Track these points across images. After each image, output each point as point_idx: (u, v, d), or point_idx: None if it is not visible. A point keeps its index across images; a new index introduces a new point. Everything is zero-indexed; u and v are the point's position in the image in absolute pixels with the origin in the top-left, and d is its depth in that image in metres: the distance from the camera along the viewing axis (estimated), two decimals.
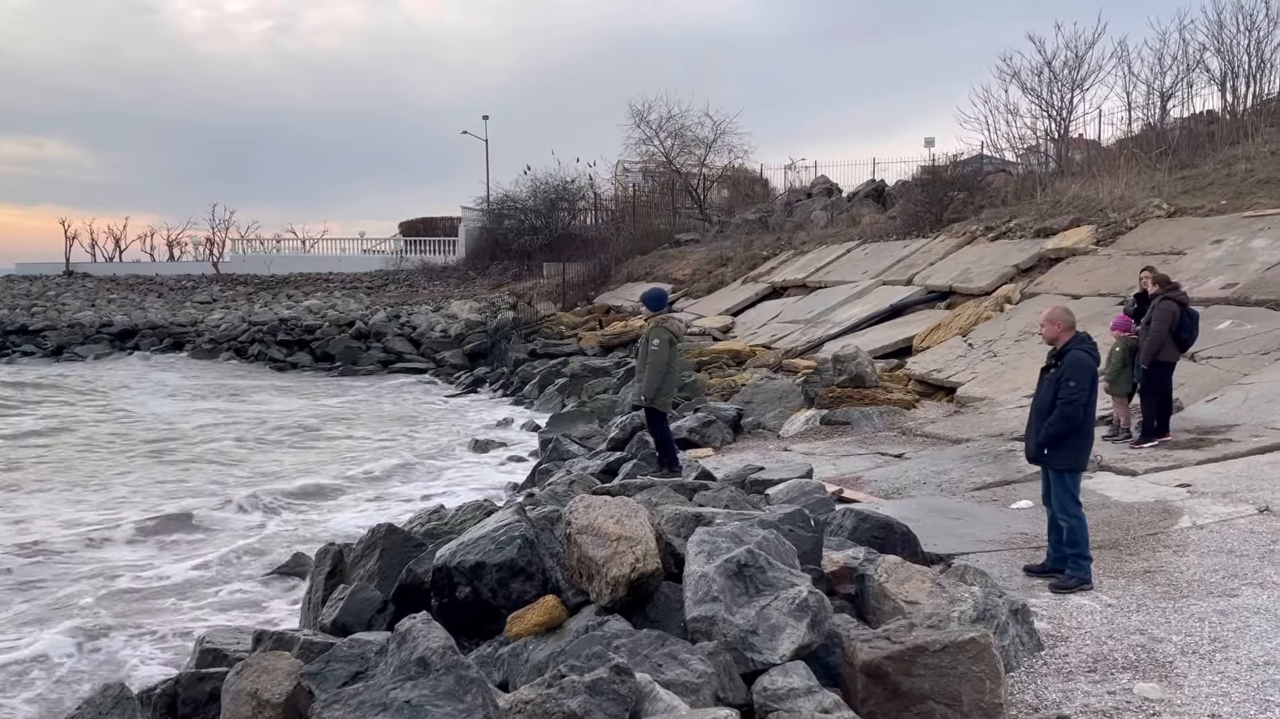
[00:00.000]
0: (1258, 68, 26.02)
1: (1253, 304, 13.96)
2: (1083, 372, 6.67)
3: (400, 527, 7.87)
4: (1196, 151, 23.99)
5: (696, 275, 32.60)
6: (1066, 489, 6.78)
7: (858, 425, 13.72)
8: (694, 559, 5.21)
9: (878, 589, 5.66)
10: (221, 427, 20.24)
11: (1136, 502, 8.68)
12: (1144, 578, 6.79)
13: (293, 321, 36.44)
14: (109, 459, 16.95)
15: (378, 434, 19.57)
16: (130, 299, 45.87)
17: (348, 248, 58.94)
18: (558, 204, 47.03)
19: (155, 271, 57.42)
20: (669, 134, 44.26)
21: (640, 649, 4.74)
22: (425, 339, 33.43)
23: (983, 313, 18.18)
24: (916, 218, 27.01)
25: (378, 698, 4.05)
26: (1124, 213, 19.96)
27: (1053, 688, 5.22)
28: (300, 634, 6.04)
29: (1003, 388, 14.22)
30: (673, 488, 8.19)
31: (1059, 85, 28.12)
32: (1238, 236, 16.48)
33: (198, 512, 12.56)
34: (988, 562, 7.17)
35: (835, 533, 6.91)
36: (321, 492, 14.10)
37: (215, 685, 5.29)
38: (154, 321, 38.62)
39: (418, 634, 4.30)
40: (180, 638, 8.24)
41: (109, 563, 10.62)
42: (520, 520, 6.25)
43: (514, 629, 5.58)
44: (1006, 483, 9.74)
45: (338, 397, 25.65)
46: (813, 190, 39.69)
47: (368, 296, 43.89)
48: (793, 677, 4.62)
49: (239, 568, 10.42)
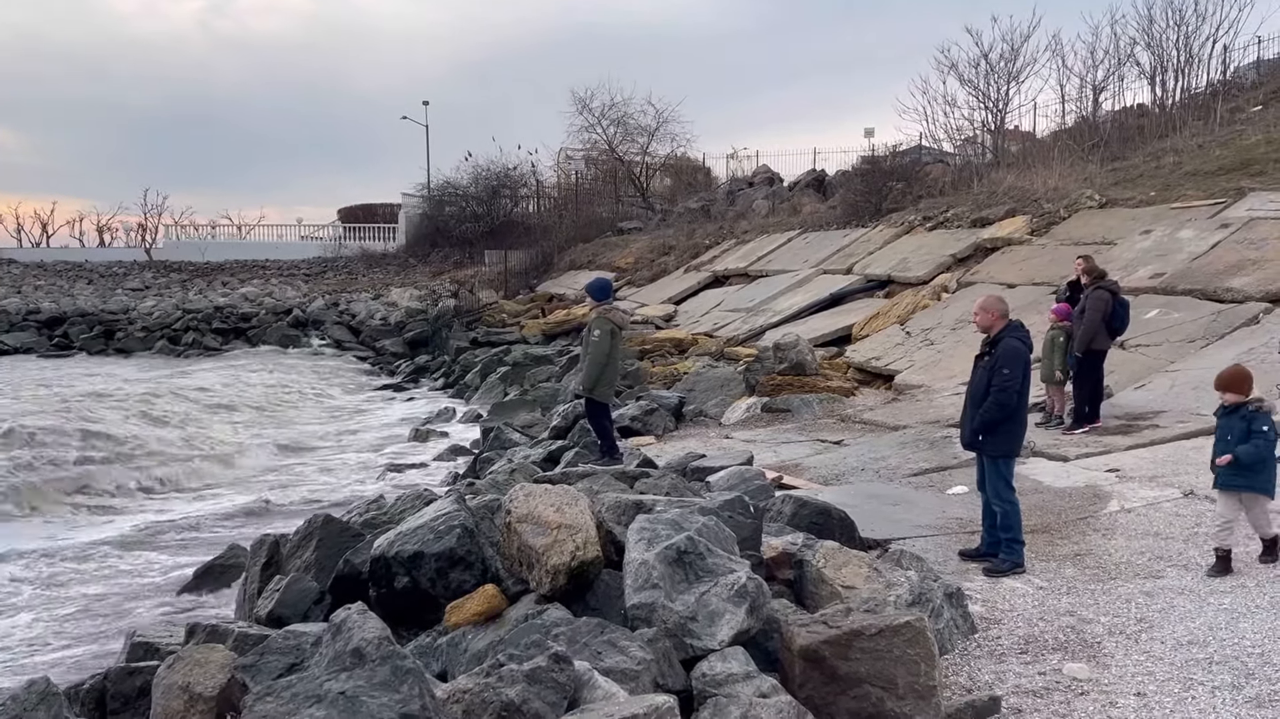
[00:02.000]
0: (1186, 62, 26.64)
1: (1180, 293, 14.32)
2: (1016, 359, 6.79)
3: (338, 517, 7.77)
4: (1127, 144, 24.51)
5: (639, 264, 32.60)
6: (1000, 475, 6.90)
7: (798, 413, 13.83)
8: (634, 547, 5.21)
9: (816, 574, 5.72)
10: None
11: (1068, 486, 8.87)
12: (1074, 561, 6.95)
13: (228, 309, 35.82)
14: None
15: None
16: (59, 285, 44.63)
17: (285, 234, 58.06)
18: (499, 191, 46.74)
19: (85, 258, 56.01)
20: (612, 122, 44.15)
21: (579, 637, 4.74)
22: (365, 327, 33.07)
23: (920, 301, 18.43)
24: (856, 207, 27.27)
25: (311, 689, 3.99)
26: (1058, 203, 20.33)
27: (986, 669, 5.32)
28: (235, 626, 5.93)
29: (939, 375, 14.44)
30: (614, 476, 8.18)
31: (995, 78, 28.54)
32: (1166, 227, 16.88)
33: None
34: (924, 546, 7.29)
35: (774, 519, 6.96)
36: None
37: (146, 680, 5.17)
38: (83, 309, 37.62)
39: (353, 625, 4.25)
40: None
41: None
42: (459, 510, 6.20)
43: (453, 619, 5.53)
44: (943, 469, 9.89)
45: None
46: (754, 179, 39.87)
47: (305, 284, 43.28)
48: (731, 662, 4.65)
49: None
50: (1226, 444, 6.50)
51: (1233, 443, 6.44)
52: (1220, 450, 6.54)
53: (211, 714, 4.76)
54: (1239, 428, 6.45)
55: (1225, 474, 6.50)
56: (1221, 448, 6.53)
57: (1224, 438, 6.55)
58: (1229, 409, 6.57)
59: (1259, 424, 6.42)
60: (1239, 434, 6.44)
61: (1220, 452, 6.53)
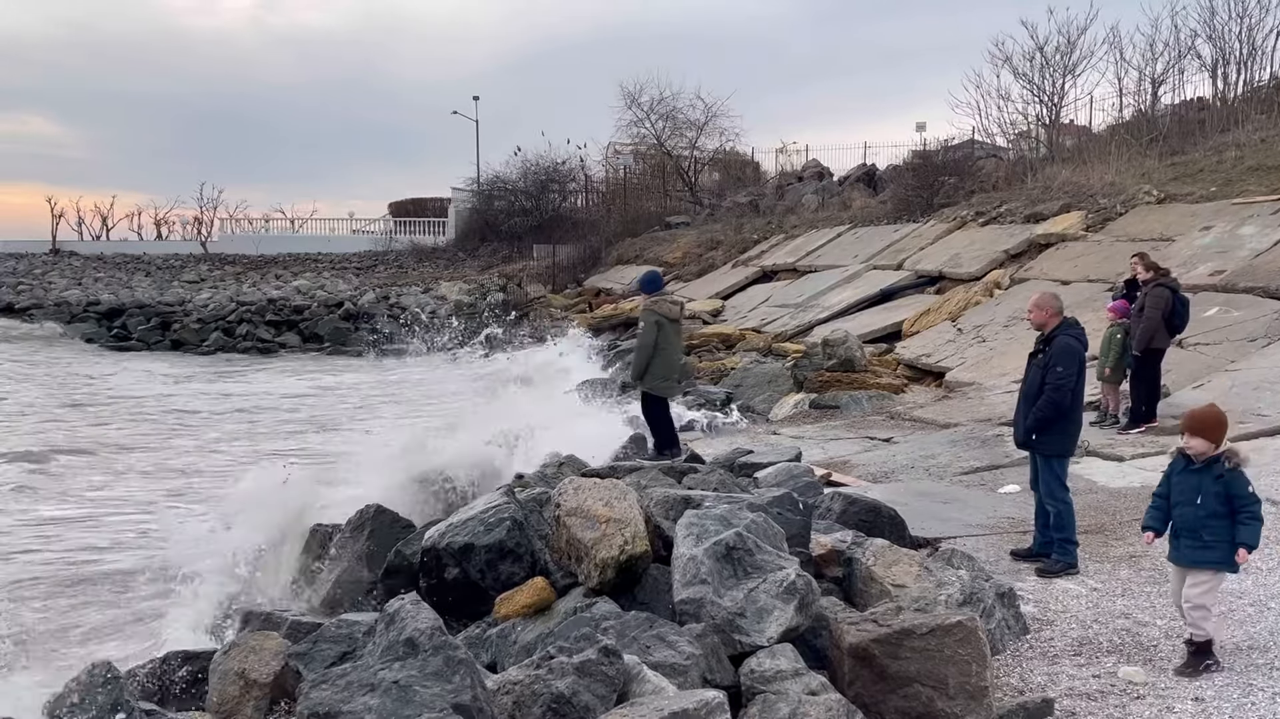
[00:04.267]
0: (1249, 55, 26.02)
1: (1240, 291, 14.01)
2: (1071, 357, 6.69)
3: (389, 507, 7.86)
4: (1187, 138, 24.01)
5: (687, 259, 32.54)
6: (1054, 474, 6.81)
7: (846, 409, 13.74)
8: (682, 542, 5.21)
9: (865, 572, 5.68)
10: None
11: (1123, 487, 8.72)
12: (1129, 563, 6.83)
13: (281, 302, 36.26)
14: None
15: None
16: (117, 278, 45.54)
17: (337, 228, 58.75)
18: (548, 186, 46.87)
19: (143, 250, 57.17)
20: (660, 116, 44.11)
21: (628, 631, 4.75)
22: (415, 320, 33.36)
23: (972, 298, 18.21)
24: (907, 202, 27.00)
25: (365, 678, 4.05)
26: (1114, 199, 19.98)
27: (1038, 671, 5.25)
28: (288, 614, 6.04)
29: (991, 373, 14.26)
30: (662, 470, 8.19)
31: (1051, 71, 28.13)
32: (1227, 223, 16.52)
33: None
34: (975, 545, 7.21)
35: (823, 516, 6.93)
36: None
37: (203, 665, 5.29)
38: (141, 300, 38.36)
39: (406, 615, 4.30)
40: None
41: None
42: (509, 502, 6.25)
43: (502, 610, 5.58)
44: (994, 467, 9.77)
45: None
46: (804, 174, 39.61)
47: (356, 277, 43.70)
48: (780, 659, 4.63)
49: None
50: (1194, 509, 5.14)
51: (1204, 507, 5.11)
52: (1187, 516, 5.18)
53: (266, 700, 4.86)
54: (1212, 490, 5.11)
55: (1192, 550, 5.18)
56: (1190, 514, 5.16)
57: (1191, 500, 5.16)
58: (1196, 463, 5.19)
59: (1239, 488, 5.09)
60: (1214, 498, 5.10)
61: (1188, 517, 5.18)
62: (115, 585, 9.19)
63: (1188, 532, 5.20)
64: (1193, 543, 5.16)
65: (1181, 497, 5.23)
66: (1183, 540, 5.23)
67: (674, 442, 10.90)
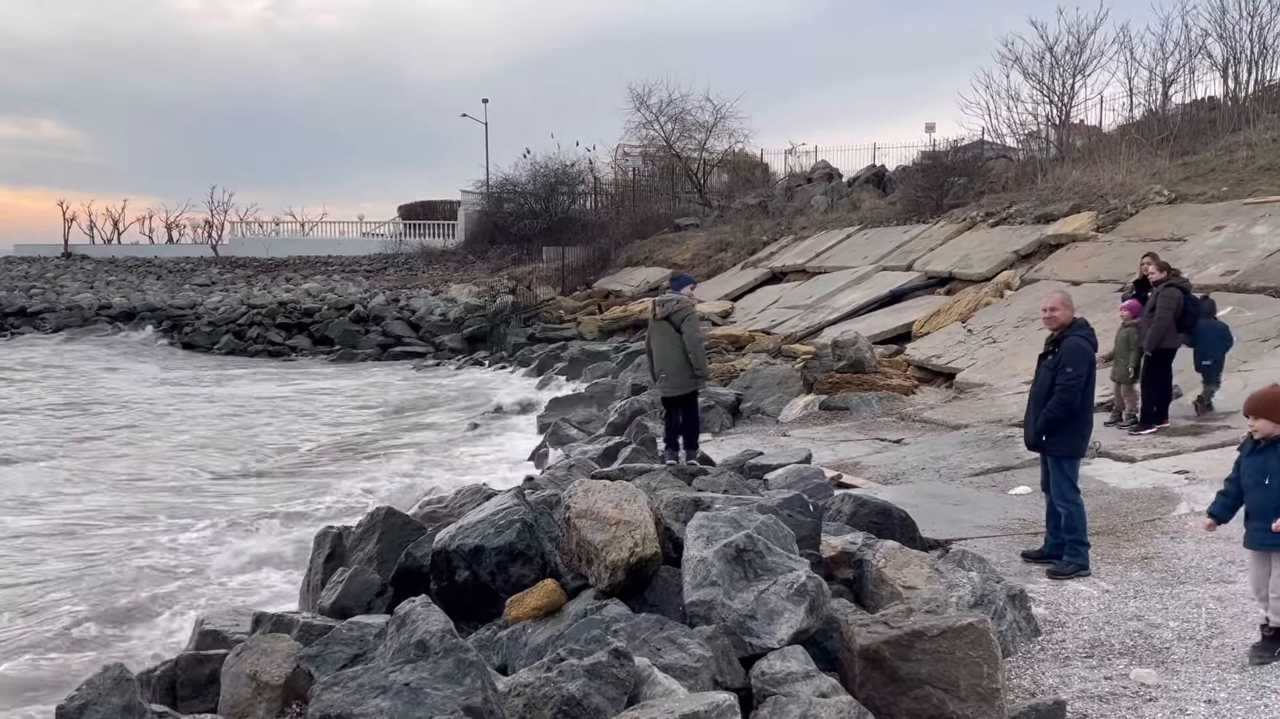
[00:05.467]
0: (1260, 54, 25.87)
1: (1252, 291, 13.95)
2: (1081, 358, 6.67)
3: (400, 509, 7.87)
4: (1198, 138, 23.90)
5: (696, 260, 32.52)
6: (1065, 475, 6.79)
7: (857, 411, 13.72)
8: (693, 544, 5.21)
9: (876, 574, 5.67)
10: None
11: (1134, 488, 8.69)
12: (1141, 564, 6.81)
13: (291, 305, 36.36)
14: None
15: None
16: (129, 281, 45.76)
17: (346, 231, 58.84)
18: (557, 188, 46.87)
19: (154, 254, 57.32)
20: (669, 118, 44.00)
21: (639, 633, 4.75)
22: (424, 323, 33.40)
23: (982, 299, 18.17)
24: (917, 203, 26.94)
25: (377, 681, 4.06)
26: (1125, 199, 19.90)
27: (1050, 673, 5.24)
28: (299, 617, 6.05)
29: (1002, 374, 14.22)
30: (671, 473, 8.20)
31: (1060, 71, 27.99)
32: (1238, 223, 16.44)
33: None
34: (986, 547, 7.19)
35: (834, 518, 6.92)
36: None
37: (214, 668, 5.30)
38: (153, 304, 38.52)
39: (417, 617, 4.31)
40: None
41: None
42: (519, 504, 6.25)
43: (513, 613, 5.58)
44: (1005, 469, 9.75)
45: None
46: (813, 175, 39.53)
47: (366, 280, 43.82)
48: (791, 661, 4.63)
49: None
50: (1263, 492, 5.11)
51: (1272, 487, 5.07)
52: (1256, 498, 5.15)
53: (278, 702, 4.87)
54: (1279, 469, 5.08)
55: (1262, 533, 5.12)
56: (1260, 496, 5.13)
57: (1259, 482, 5.12)
58: (1262, 444, 5.18)
59: None
60: None
61: (1258, 500, 5.15)
62: (127, 587, 9.22)
63: (1259, 514, 5.15)
64: (1263, 525, 5.09)
65: (1250, 479, 5.20)
66: (1253, 523, 5.17)
67: (678, 444, 10.90)
